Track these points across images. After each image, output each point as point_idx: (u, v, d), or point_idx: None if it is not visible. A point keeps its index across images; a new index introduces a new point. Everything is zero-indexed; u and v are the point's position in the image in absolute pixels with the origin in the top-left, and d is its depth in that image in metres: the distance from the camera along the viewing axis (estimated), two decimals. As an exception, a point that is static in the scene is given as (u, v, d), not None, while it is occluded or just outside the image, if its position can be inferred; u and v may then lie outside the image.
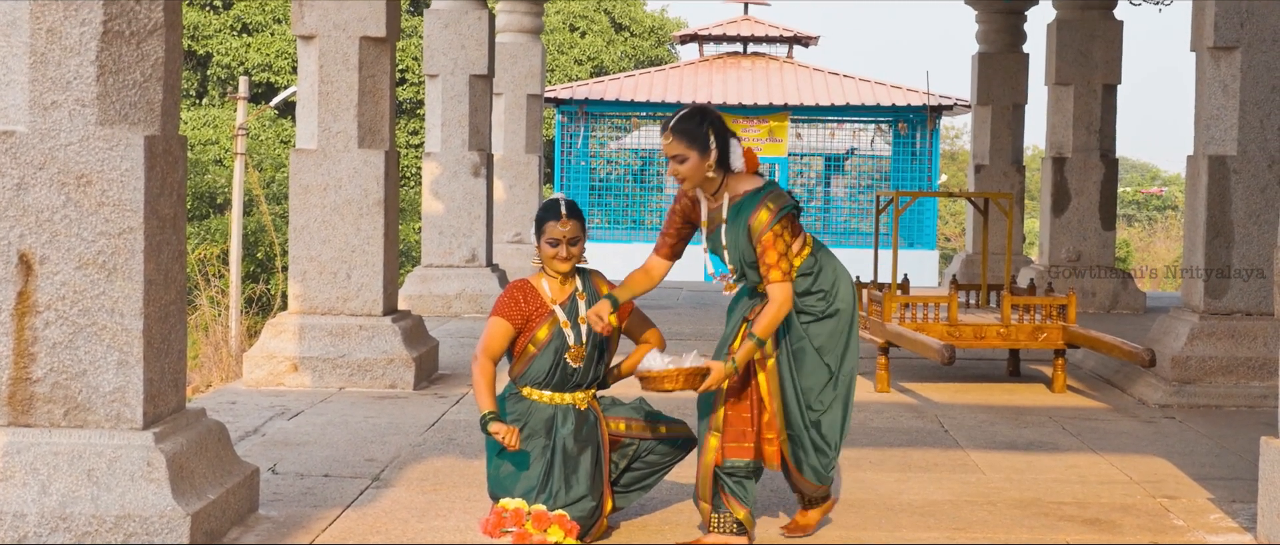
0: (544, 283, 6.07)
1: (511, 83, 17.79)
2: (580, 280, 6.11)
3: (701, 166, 5.73)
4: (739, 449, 5.82)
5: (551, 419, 5.98)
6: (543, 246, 6.00)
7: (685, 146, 5.71)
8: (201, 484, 5.77)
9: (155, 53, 5.70)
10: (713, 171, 5.75)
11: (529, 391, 6.03)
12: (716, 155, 5.73)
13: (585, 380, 6.04)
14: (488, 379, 5.94)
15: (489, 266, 14.62)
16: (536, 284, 6.07)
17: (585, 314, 5.99)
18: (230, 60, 37.50)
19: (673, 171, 5.78)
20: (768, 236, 5.66)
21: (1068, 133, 15.52)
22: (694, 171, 5.73)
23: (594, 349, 6.04)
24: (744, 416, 5.83)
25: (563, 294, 6.05)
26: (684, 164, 5.72)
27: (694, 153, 5.71)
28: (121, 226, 5.59)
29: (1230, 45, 9.70)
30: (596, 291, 6.10)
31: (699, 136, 5.71)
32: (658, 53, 43.63)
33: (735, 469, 5.81)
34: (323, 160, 9.97)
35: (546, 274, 6.08)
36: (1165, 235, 42.10)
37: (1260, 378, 9.67)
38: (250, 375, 9.85)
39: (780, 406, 5.82)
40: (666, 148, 5.76)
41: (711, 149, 5.71)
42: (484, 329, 6.02)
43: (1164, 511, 6.70)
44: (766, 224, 5.67)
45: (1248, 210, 9.76)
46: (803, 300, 5.82)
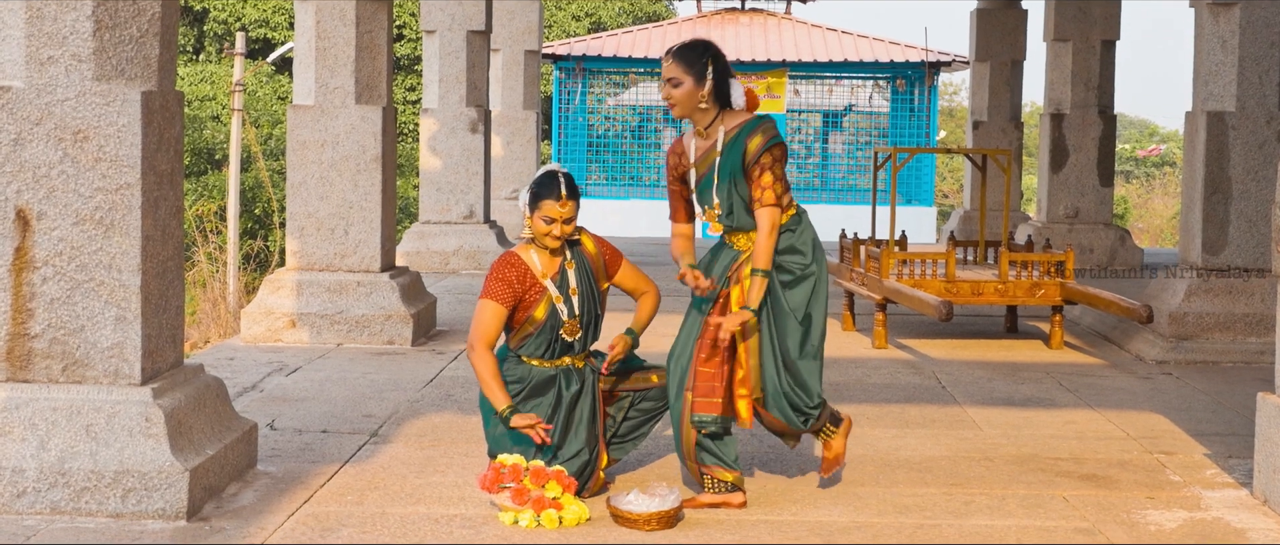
0: (533, 255, 5.99)
1: (509, 38, 17.75)
2: (568, 248, 6.08)
3: (694, 94, 5.79)
4: (707, 403, 5.80)
5: (551, 379, 5.99)
6: (536, 221, 5.90)
7: (682, 71, 5.78)
8: (200, 440, 5.78)
9: (152, 8, 5.68)
10: (706, 102, 5.80)
11: (527, 358, 6.03)
12: (711, 86, 5.78)
13: (582, 346, 6.04)
14: (491, 370, 5.88)
15: (487, 223, 14.61)
16: (526, 257, 5.98)
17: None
18: (227, 16, 37.39)
19: (666, 94, 5.84)
20: (766, 158, 5.74)
21: (1066, 89, 15.50)
22: (686, 98, 5.80)
23: (589, 317, 6.04)
24: (714, 372, 5.82)
25: (553, 267, 6.00)
26: (678, 89, 5.80)
27: (689, 79, 5.78)
28: (118, 182, 5.59)
29: (1229, 1, 9.67)
30: (584, 257, 6.06)
31: (697, 65, 5.78)
32: (655, 9, 43.50)
33: (703, 423, 5.80)
34: (320, 116, 9.95)
35: (536, 246, 6.01)
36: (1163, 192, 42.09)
37: (1257, 334, 9.69)
38: (248, 331, 9.86)
39: (758, 364, 5.84)
40: (665, 70, 5.84)
41: (707, 79, 5.78)
42: (475, 312, 5.94)
43: (1161, 467, 6.71)
44: (761, 145, 5.75)
45: (1246, 167, 9.76)
46: (783, 257, 5.84)
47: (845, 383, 8.68)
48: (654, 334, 10.22)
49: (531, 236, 5.98)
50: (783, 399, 5.85)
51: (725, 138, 5.84)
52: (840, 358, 9.61)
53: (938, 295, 9.72)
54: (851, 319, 10.99)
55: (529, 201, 5.93)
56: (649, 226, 28.43)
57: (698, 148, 5.92)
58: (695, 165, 5.92)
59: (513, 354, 6.06)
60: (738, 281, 5.86)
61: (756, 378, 5.85)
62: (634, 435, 6.19)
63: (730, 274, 5.89)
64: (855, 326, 10.96)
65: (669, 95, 5.82)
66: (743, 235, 5.91)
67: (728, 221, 5.90)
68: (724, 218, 5.90)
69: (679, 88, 5.79)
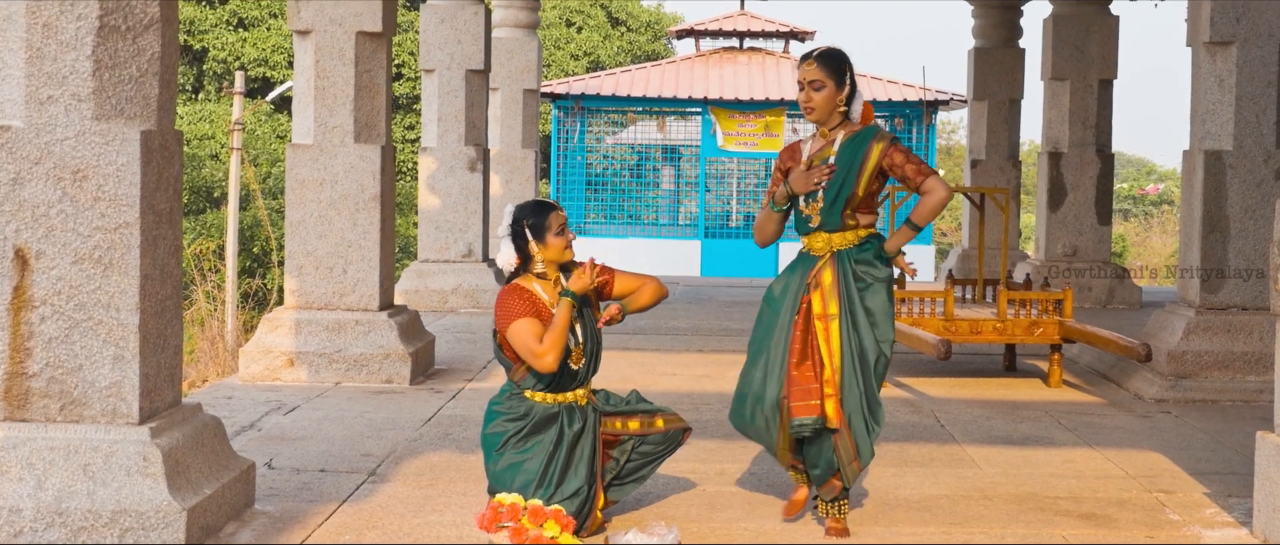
0: (536, 287, 6.03)
1: (508, 78, 17.78)
2: (562, 275, 6.10)
3: (833, 99, 6.04)
4: (805, 407, 5.96)
5: (554, 416, 5.98)
6: (551, 241, 5.97)
7: (825, 75, 6.02)
8: (197, 479, 5.77)
9: (151, 47, 5.69)
10: (842, 105, 6.05)
11: (531, 393, 6.02)
12: (849, 90, 6.05)
13: (585, 378, 6.04)
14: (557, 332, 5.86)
15: (485, 261, 14.62)
16: (531, 287, 6.02)
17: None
18: (226, 55, 37.47)
19: (806, 98, 6.06)
20: (897, 156, 6.02)
21: (1064, 128, 15.54)
22: (825, 101, 6.04)
23: (592, 345, 6.04)
24: (808, 375, 5.97)
25: (554, 296, 6.03)
26: (819, 92, 6.03)
27: (831, 83, 6.03)
28: (117, 221, 5.59)
29: (1226, 40, 9.70)
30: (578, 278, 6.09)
31: (839, 70, 6.04)
32: (654, 48, 43.62)
33: (803, 425, 5.94)
34: (319, 155, 9.96)
35: (535, 278, 6.04)
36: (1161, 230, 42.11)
37: (1256, 372, 9.68)
38: (246, 370, 9.85)
39: (840, 366, 5.98)
40: (805, 73, 6.04)
41: (847, 84, 6.05)
42: (516, 340, 5.86)
43: (1160, 506, 6.70)
44: (886, 147, 6.02)
45: (1243, 205, 9.77)
46: (863, 268, 6.06)
47: (844, 421, 8.66)
48: (656, 373, 10.22)
49: (540, 271, 6.01)
50: (860, 404, 5.99)
51: (843, 139, 6.09)
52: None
53: (936, 334, 9.71)
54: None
55: (532, 236, 5.97)
56: (647, 265, 28.43)
57: (812, 149, 6.16)
58: (804, 163, 6.13)
59: (516, 389, 6.05)
60: (817, 286, 6.04)
61: (839, 379, 5.99)
62: (634, 477, 6.19)
63: (809, 280, 6.07)
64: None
65: (809, 98, 6.05)
66: (826, 236, 6.10)
67: (825, 217, 6.08)
68: (825, 211, 6.07)
69: (820, 91, 6.03)
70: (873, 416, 6.03)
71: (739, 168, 32.07)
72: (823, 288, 6.02)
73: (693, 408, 8.98)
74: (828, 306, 5.99)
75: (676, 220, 32.58)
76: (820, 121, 6.10)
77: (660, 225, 32.50)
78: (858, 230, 6.10)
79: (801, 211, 6.14)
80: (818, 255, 6.11)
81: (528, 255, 6.02)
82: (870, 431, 6.02)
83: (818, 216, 6.08)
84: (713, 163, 31.28)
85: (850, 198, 6.03)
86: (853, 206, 6.05)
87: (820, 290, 6.02)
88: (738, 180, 32.26)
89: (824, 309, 5.99)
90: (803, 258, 6.17)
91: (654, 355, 11.46)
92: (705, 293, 17.39)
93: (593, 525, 5.96)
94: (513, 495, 5.73)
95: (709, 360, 11.37)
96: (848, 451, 6.00)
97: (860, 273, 6.05)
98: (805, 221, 6.14)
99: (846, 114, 6.11)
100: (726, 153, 30.57)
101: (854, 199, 6.03)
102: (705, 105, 30.11)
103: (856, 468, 6.03)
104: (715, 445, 7.86)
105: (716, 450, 7.72)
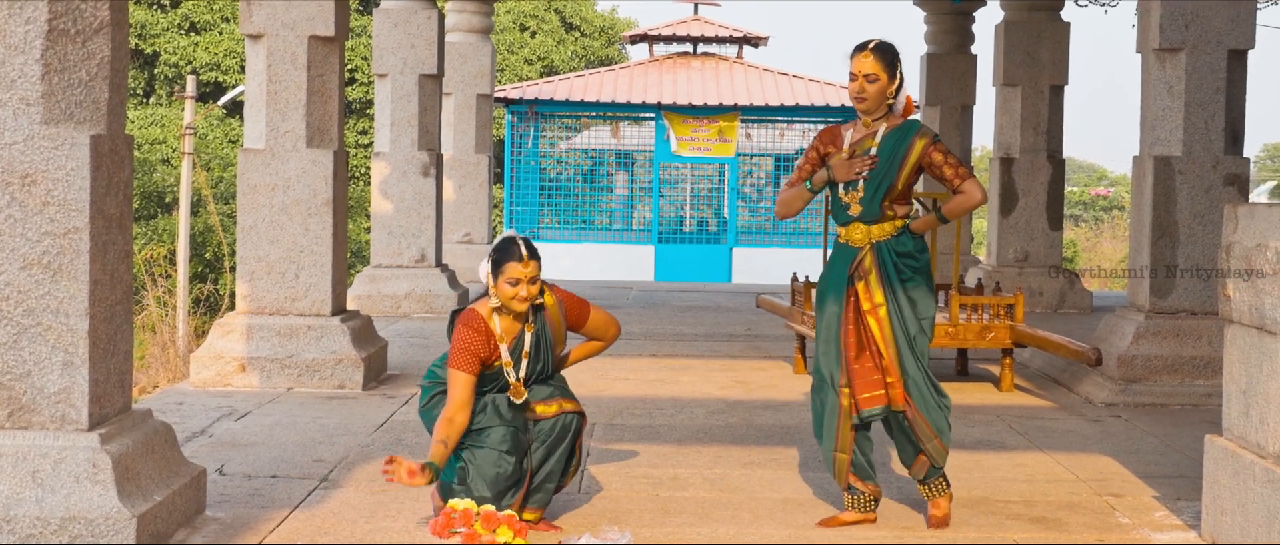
0: (495, 320, 6.05)
1: (461, 82, 17.77)
2: (532, 314, 6.12)
3: (885, 91, 6.17)
4: (872, 398, 6.17)
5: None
6: (501, 287, 5.96)
7: (881, 67, 6.15)
8: (148, 485, 5.73)
9: (101, 51, 5.66)
10: (891, 99, 6.18)
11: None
12: (899, 83, 6.20)
13: (524, 405, 6.11)
14: (455, 433, 5.89)
15: (438, 266, 14.58)
16: (488, 318, 6.04)
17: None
18: (178, 59, 37.27)
19: (858, 88, 6.17)
20: (937, 156, 6.20)
21: (1015, 133, 15.62)
22: (878, 93, 6.17)
23: (534, 380, 6.12)
24: (868, 366, 6.18)
25: (513, 332, 6.07)
26: (873, 84, 6.15)
27: (885, 75, 6.16)
28: (67, 226, 5.55)
29: (1175, 47, 9.78)
30: (545, 323, 6.14)
31: (892, 63, 6.18)
32: (608, 53, 43.62)
33: (872, 415, 6.16)
34: (271, 160, 9.92)
35: (498, 310, 6.06)
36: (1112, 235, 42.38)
37: (1205, 377, 9.75)
38: (197, 376, 9.79)
39: (895, 352, 6.16)
40: (861, 65, 6.15)
41: (898, 78, 6.19)
42: (449, 384, 5.95)
43: (1110, 509, 6.74)
44: (928, 143, 6.19)
45: (1193, 211, 9.84)
46: (903, 259, 6.22)
47: (796, 426, 8.69)
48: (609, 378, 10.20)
49: (498, 304, 6.02)
50: (921, 384, 6.18)
51: (886, 131, 6.22)
52: (791, 401, 9.62)
53: (889, 338, 9.73)
54: (803, 362, 11.01)
55: (490, 270, 5.98)
56: (601, 270, 28.45)
57: (854, 136, 6.29)
58: (847, 151, 6.26)
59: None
60: (862, 277, 6.20)
61: (898, 366, 6.17)
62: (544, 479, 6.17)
63: (852, 271, 6.23)
64: (806, 370, 10.97)
65: (862, 89, 6.17)
66: (865, 228, 6.24)
67: (866, 207, 6.22)
68: (866, 201, 6.21)
69: (874, 83, 6.17)
70: (937, 392, 6.24)
71: (692, 173, 32.11)
72: (867, 280, 6.21)
73: (645, 413, 8.99)
74: (873, 297, 6.19)
75: (630, 225, 32.60)
76: (867, 112, 6.23)
77: (614, 230, 32.51)
78: (895, 220, 6.27)
79: (841, 199, 6.29)
80: (857, 246, 6.27)
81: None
82: (941, 408, 6.23)
83: (858, 205, 6.24)
84: (666, 168, 31.30)
85: (890, 189, 6.20)
86: (892, 198, 6.23)
87: (865, 283, 6.21)
88: (691, 185, 32.29)
89: (871, 301, 6.18)
90: (842, 250, 6.33)
91: (606, 360, 11.46)
92: (658, 298, 17.39)
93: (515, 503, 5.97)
94: (466, 501, 5.73)
95: (662, 365, 11.37)
96: (924, 430, 6.20)
97: (901, 262, 6.22)
98: (844, 209, 6.29)
99: (891, 106, 6.25)
100: (680, 158, 30.60)
101: (893, 191, 6.21)
102: (659, 110, 30.13)
103: (939, 445, 6.23)
104: (669, 450, 7.87)
105: (670, 455, 7.73)
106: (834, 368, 6.25)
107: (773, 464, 7.60)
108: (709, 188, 32.07)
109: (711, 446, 8.00)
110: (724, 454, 7.84)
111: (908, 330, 6.19)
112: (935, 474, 6.31)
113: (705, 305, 16.47)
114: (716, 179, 31.63)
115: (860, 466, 6.31)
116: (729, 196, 31.27)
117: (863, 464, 6.31)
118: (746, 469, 7.46)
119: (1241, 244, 5.85)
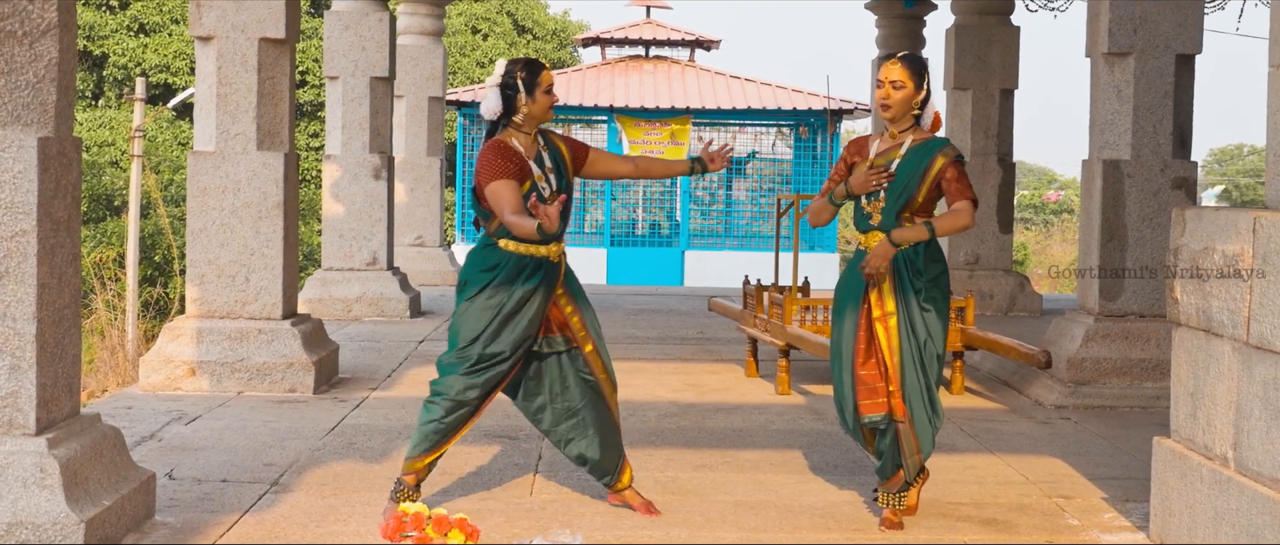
0: (515, 141, 6.26)
1: (413, 85, 17.72)
2: (539, 136, 6.39)
3: (912, 99, 6.23)
4: (873, 404, 6.28)
5: (520, 268, 6.23)
6: (540, 98, 6.23)
7: (909, 75, 6.21)
8: (96, 490, 5.70)
9: (49, 53, 5.62)
10: (917, 109, 6.25)
11: (504, 244, 6.25)
12: (925, 95, 6.25)
13: (559, 230, 6.23)
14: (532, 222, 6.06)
15: (390, 269, 14.54)
16: (513, 145, 6.25)
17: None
18: (127, 61, 37.02)
19: (885, 95, 6.23)
20: (952, 172, 6.23)
21: (966, 136, 15.68)
22: (904, 101, 6.22)
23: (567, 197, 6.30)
24: (874, 373, 6.27)
25: (532, 149, 6.30)
26: (899, 91, 6.21)
27: (912, 84, 6.22)
28: (14, 229, 5.51)
29: (1124, 51, 9.85)
30: (552, 143, 6.41)
31: (919, 74, 6.24)
32: (560, 56, 43.58)
33: (874, 423, 6.26)
34: (221, 162, 9.87)
35: (515, 133, 6.28)
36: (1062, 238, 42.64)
37: (1153, 379, 9.82)
38: (147, 380, 9.73)
39: (899, 362, 6.23)
40: (888, 73, 6.23)
41: (924, 88, 6.25)
42: (495, 200, 6.09)
43: (1059, 511, 6.78)
44: (952, 159, 6.23)
45: (1141, 214, 9.91)
46: (917, 268, 6.27)
47: (748, 428, 8.70)
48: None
49: (519, 123, 6.26)
50: (919, 398, 6.26)
51: (911, 144, 6.29)
52: (743, 404, 9.64)
53: (840, 341, 9.75)
54: (755, 365, 11.03)
55: (524, 89, 6.22)
56: (553, 273, 28.35)
57: (879, 147, 6.35)
58: (873, 160, 6.32)
59: (489, 241, 6.28)
60: (876, 287, 6.28)
61: (900, 376, 6.25)
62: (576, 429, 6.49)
63: (863, 266, 6.31)
64: (759, 373, 11.00)
65: (888, 95, 6.23)
66: (883, 236, 6.29)
67: (885, 216, 6.28)
68: (886, 211, 6.27)
69: (901, 91, 6.22)
70: (933, 410, 6.33)
71: (645, 176, 32.05)
72: (881, 288, 6.28)
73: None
74: (885, 305, 6.26)
75: (582, 228, 32.56)
76: (893, 120, 6.28)
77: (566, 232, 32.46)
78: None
79: (863, 209, 6.37)
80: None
81: (513, 108, 6.26)
82: (932, 424, 6.33)
83: (878, 215, 6.31)
84: (618, 171, 31.22)
85: (909, 202, 6.26)
86: (912, 210, 6.28)
87: (878, 291, 6.29)
88: (643, 188, 32.29)
89: (882, 309, 6.26)
90: (861, 257, 6.39)
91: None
92: (610, 301, 17.38)
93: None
94: (417, 504, 5.71)
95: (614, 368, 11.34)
96: (911, 445, 6.31)
97: (916, 272, 6.27)
98: (866, 219, 6.37)
99: (918, 119, 6.31)
100: (632, 161, 30.53)
101: (913, 203, 6.26)
102: (611, 113, 30.14)
103: (918, 460, 6.34)
104: (620, 453, 7.86)
105: (622, 458, 7.72)
106: (848, 374, 6.34)
107: (725, 466, 7.61)
108: (661, 191, 32.08)
109: (663, 449, 8.01)
110: (676, 456, 7.84)
111: (916, 342, 6.25)
112: (904, 489, 6.40)
113: (658, 308, 16.48)
114: (668, 182, 31.63)
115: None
116: (681, 200, 31.30)
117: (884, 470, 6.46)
118: (699, 471, 7.47)
119: (1189, 247, 5.90)
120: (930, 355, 6.28)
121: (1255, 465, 5.32)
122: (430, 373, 10.76)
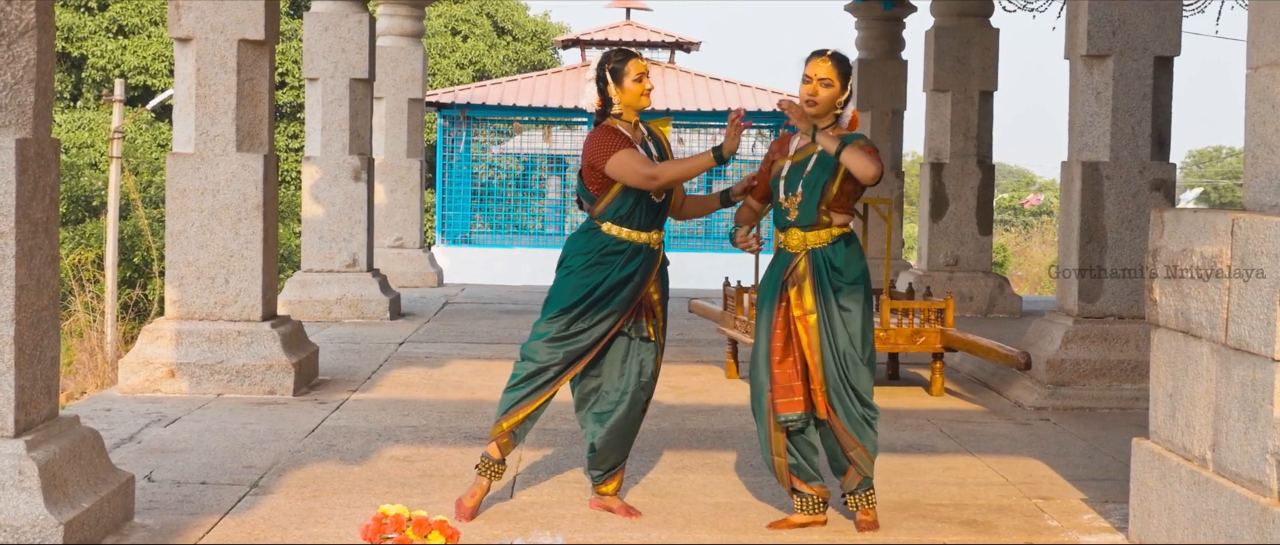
0: (619, 126, 6.40)
1: (392, 86, 17.71)
2: (640, 121, 6.54)
3: (836, 98, 6.28)
4: (789, 403, 6.26)
5: (619, 251, 6.36)
6: (629, 87, 6.41)
7: (836, 74, 6.27)
8: (75, 492, 5.68)
9: (27, 54, 5.60)
10: (839, 109, 6.31)
11: (609, 227, 6.38)
12: (848, 94, 6.33)
13: (661, 218, 6.41)
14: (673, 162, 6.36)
15: (370, 271, 14.52)
16: (619, 128, 6.40)
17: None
18: (106, 62, 36.92)
19: (810, 92, 6.26)
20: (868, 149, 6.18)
21: (945, 139, 15.72)
22: (830, 99, 6.27)
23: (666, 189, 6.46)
24: (790, 372, 6.25)
25: (637, 136, 6.45)
26: (827, 89, 6.25)
27: (838, 84, 6.27)
28: (-8, 231, 5.49)
29: (1103, 53, 9.87)
30: (654, 133, 6.59)
31: (845, 74, 6.30)
32: (540, 57, 43.57)
33: (789, 420, 6.24)
34: (200, 164, 9.85)
35: (618, 121, 6.43)
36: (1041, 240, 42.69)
37: (1132, 380, 9.84)
38: (126, 382, 9.70)
39: (820, 361, 6.22)
40: (817, 69, 6.27)
41: (848, 89, 6.32)
42: (622, 167, 6.27)
43: (1039, 512, 6.80)
44: (864, 142, 6.24)
45: (1120, 216, 9.94)
46: (835, 266, 6.27)
47: (728, 430, 8.71)
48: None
49: (617, 113, 6.43)
50: (843, 394, 6.22)
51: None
52: (723, 405, 9.64)
53: (820, 343, 9.76)
54: (735, 367, 11.04)
55: (613, 82, 6.39)
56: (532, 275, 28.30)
57: (799, 145, 6.38)
58: (791, 157, 6.36)
59: (592, 225, 6.42)
60: (795, 283, 6.27)
61: (821, 375, 6.24)
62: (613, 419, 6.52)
63: (786, 277, 6.31)
64: (739, 374, 11.00)
65: (815, 92, 6.26)
66: (801, 234, 6.30)
67: (801, 211, 6.29)
68: (803, 205, 6.28)
69: (829, 89, 6.29)
70: (864, 404, 6.28)
71: (625, 177, 32.05)
72: (799, 286, 6.27)
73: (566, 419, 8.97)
74: (804, 304, 6.25)
75: (562, 230, 32.52)
76: (817, 117, 6.30)
77: (546, 235, 32.42)
78: (831, 229, 6.31)
79: (781, 204, 6.37)
80: (793, 252, 6.33)
81: (609, 99, 6.41)
82: (866, 420, 6.28)
83: (795, 210, 6.31)
84: (599, 172, 31.20)
85: (825, 193, 6.24)
86: (828, 203, 6.27)
87: (797, 288, 6.28)
88: (624, 190, 32.24)
89: (801, 307, 6.25)
90: (780, 256, 6.41)
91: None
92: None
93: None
94: (397, 506, 5.70)
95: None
96: (847, 440, 6.26)
97: (835, 270, 6.27)
98: (784, 214, 6.37)
99: (838, 118, 6.35)
100: (612, 162, 30.51)
101: (828, 196, 6.25)
102: (591, 115, 30.11)
103: (862, 453, 6.28)
104: (601, 455, 7.85)
105: (602, 460, 7.71)
106: (763, 372, 6.31)
107: (705, 468, 7.61)
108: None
109: (644, 451, 8.01)
110: (656, 458, 7.84)
111: (835, 340, 6.23)
112: (866, 486, 6.36)
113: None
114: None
115: (801, 469, 6.37)
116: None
117: (804, 466, 6.36)
118: (679, 473, 7.47)
119: (1168, 249, 5.91)
120: (852, 359, 6.23)
121: (1233, 466, 5.34)
122: (411, 374, 10.78)
